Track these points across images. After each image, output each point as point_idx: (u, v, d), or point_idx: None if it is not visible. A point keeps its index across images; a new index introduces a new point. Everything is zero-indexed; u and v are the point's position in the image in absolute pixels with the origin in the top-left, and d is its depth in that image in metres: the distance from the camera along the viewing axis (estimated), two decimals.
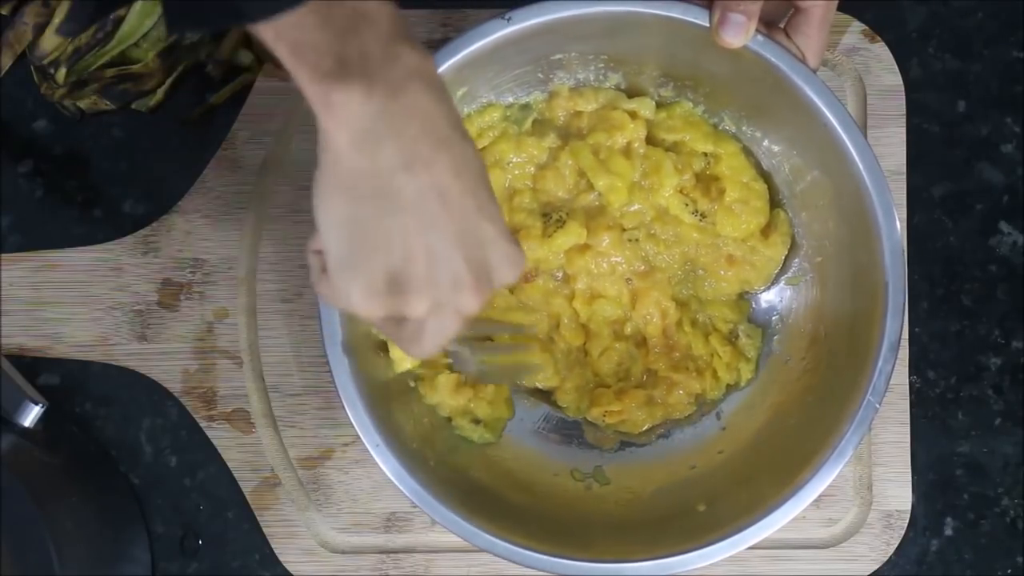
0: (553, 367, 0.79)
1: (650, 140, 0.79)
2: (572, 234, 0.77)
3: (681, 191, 0.78)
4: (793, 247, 0.79)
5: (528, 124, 0.78)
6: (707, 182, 0.78)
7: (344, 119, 0.53)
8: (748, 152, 0.79)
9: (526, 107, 0.78)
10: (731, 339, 0.80)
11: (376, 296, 0.56)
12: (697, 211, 0.78)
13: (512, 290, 0.79)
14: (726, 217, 0.78)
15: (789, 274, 0.80)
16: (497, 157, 0.78)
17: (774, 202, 0.79)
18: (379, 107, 0.53)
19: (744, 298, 0.81)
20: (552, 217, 0.78)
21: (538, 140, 0.78)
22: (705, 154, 0.79)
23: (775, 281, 0.80)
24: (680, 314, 0.79)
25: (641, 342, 0.80)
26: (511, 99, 0.78)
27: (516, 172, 0.78)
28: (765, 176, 0.79)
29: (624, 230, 0.79)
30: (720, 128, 0.78)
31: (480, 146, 0.77)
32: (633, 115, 0.78)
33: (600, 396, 0.79)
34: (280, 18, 0.52)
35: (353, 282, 0.56)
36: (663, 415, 0.80)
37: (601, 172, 0.77)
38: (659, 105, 0.78)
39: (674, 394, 0.79)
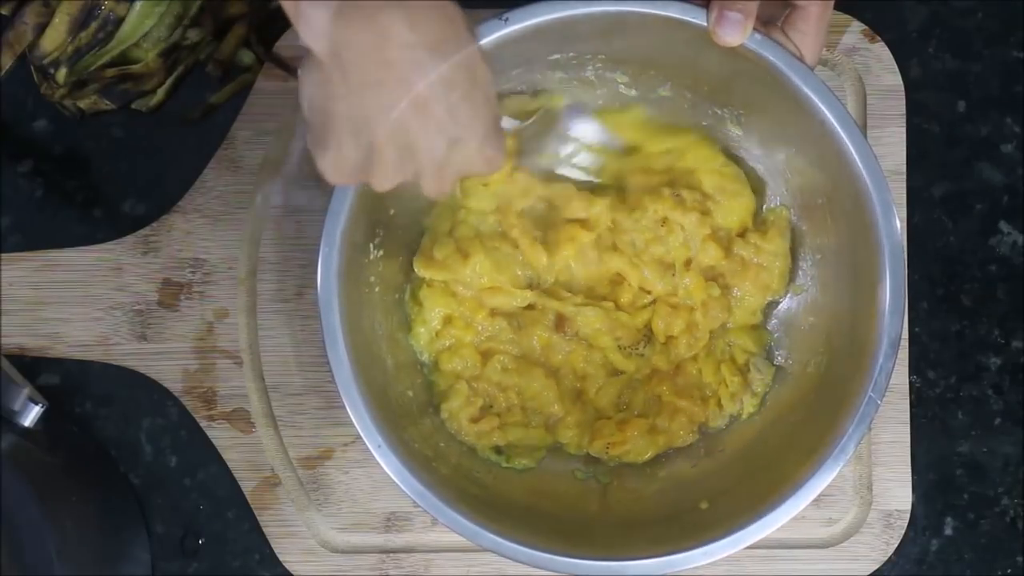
0: (556, 393, 0.79)
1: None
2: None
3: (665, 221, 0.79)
4: (795, 248, 0.79)
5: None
6: (681, 179, 0.79)
7: (316, 32, 0.58)
8: (713, 141, 0.78)
9: None
10: (743, 370, 0.79)
11: (343, 174, 0.63)
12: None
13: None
14: (716, 207, 0.78)
15: (798, 281, 0.80)
16: None
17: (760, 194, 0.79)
18: (344, 24, 0.57)
19: (765, 328, 0.80)
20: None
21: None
22: (668, 153, 0.79)
23: (791, 280, 0.79)
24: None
25: (648, 376, 0.80)
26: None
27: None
28: (736, 160, 0.79)
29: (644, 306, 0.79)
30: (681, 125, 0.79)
31: None
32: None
33: (601, 428, 0.79)
34: None
35: (323, 159, 0.63)
36: (666, 443, 0.79)
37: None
38: (609, 109, 0.79)
39: (677, 420, 0.78)
